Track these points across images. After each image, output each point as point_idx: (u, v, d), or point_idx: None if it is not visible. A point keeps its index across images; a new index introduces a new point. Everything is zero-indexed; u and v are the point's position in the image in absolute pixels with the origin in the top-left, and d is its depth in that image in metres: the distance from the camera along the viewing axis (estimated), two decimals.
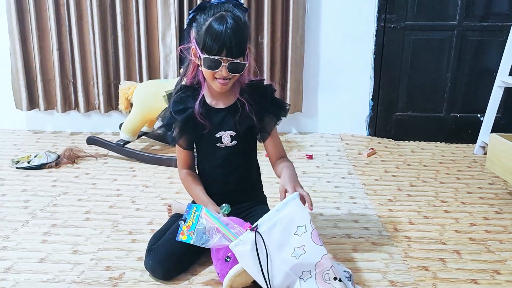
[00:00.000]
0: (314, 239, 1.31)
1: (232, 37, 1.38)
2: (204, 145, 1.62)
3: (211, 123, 1.55)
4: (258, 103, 1.56)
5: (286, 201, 1.35)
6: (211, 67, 1.43)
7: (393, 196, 2.24)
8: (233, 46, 1.39)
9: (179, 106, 1.54)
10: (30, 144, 2.99)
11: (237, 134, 1.57)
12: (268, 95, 1.60)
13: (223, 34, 1.37)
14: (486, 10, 2.98)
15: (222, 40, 1.38)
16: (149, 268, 1.51)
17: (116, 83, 3.09)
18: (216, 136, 1.57)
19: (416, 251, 1.72)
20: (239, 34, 1.40)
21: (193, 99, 1.55)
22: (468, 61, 3.05)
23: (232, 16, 1.41)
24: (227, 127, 1.57)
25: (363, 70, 3.14)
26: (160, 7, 2.95)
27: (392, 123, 3.19)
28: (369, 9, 3.03)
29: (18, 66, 3.06)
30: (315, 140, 3.14)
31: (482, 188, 2.37)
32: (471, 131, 3.07)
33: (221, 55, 1.40)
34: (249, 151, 1.66)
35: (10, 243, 1.74)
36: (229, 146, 1.59)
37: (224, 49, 1.39)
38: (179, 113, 1.54)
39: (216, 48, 1.39)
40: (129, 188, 2.30)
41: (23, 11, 3.01)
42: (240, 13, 1.45)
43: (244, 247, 1.31)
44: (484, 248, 1.76)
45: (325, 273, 1.29)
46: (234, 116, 1.55)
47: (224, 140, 1.57)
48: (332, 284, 1.29)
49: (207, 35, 1.39)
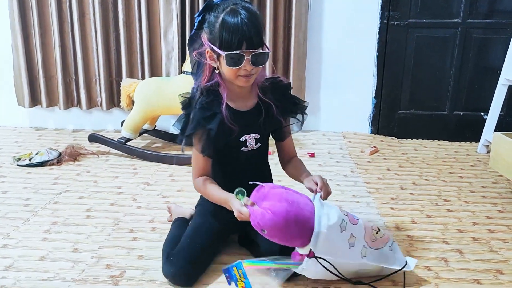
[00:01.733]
0: (352, 221, 1.41)
1: (250, 27, 1.33)
2: (228, 150, 1.52)
3: (237, 126, 1.46)
4: (282, 103, 1.51)
5: (316, 214, 1.35)
6: (235, 63, 1.35)
7: (395, 195, 2.23)
8: (252, 36, 1.34)
9: (206, 112, 1.43)
10: (32, 141, 2.99)
11: (261, 137, 1.52)
12: (289, 95, 1.56)
13: (240, 25, 1.32)
14: (490, 8, 2.95)
15: (240, 32, 1.32)
16: (171, 275, 1.45)
17: (118, 80, 3.08)
18: (241, 140, 1.50)
19: (419, 251, 1.71)
20: (256, 23, 1.36)
21: (217, 102, 1.45)
22: (472, 59, 3.03)
23: (243, 7, 1.37)
24: (252, 130, 1.50)
25: (366, 67, 3.12)
26: (162, 4, 2.94)
27: (395, 121, 3.18)
28: (372, 6, 3.01)
29: (20, 63, 3.05)
30: (317, 138, 3.12)
31: (486, 187, 2.35)
32: (475, 130, 3.05)
33: (242, 49, 1.34)
34: (265, 153, 1.62)
35: (11, 241, 1.74)
36: (253, 150, 1.53)
37: (244, 41, 1.33)
38: (209, 120, 1.43)
39: (236, 42, 1.33)
40: (131, 186, 2.30)
41: (25, 8, 3.00)
42: (248, 4, 1.42)
43: (311, 270, 1.36)
44: (487, 247, 1.75)
45: (368, 233, 1.43)
46: (257, 118, 1.48)
47: (249, 143, 1.51)
48: (376, 237, 1.45)
49: (223, 31, 1.34)
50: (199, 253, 1.49)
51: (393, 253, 1.49)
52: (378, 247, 1.45)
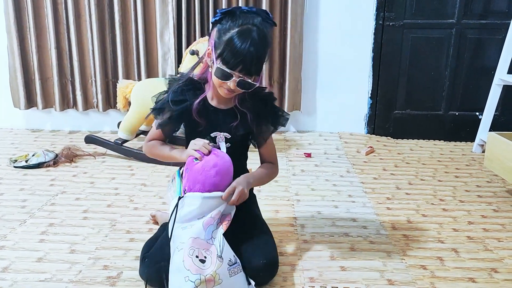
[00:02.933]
0: (204, 225, 1.38)
1: (253, 56, 1.34)
2: None
3: (208, 121, 1.52)
4: (258, 111, 1.53)
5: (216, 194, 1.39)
6: (222, 77, 1.39)
7: (391, 195, 2.24)
8: (250, 66, 1.36)
9: (178, 97, 1.50)
10: (28, 143, 2.99)
11: (231, 138, 1.55)
12: (268, 104, 1.57)
13: (245, 51, 1.33)
14: (485, 8, 2.97)
15: (242, 56, 1.33)
16: (145, 276, 1.45)
17: (115, 81, 3.09)
18: (211, 135, 1.55)
19: (414, 250, 1.72)
20: (261, 53, 1.36)
21: (194, 94, 1.51)
22: (467, 59, 3.05)
23: (258, 33, 1.36)
24: (223, 129, 1.54)
25: (362, 68, 3.14)
26: (158, 5, 2.94)
27: (390, 121, 3.19)
28: (368, 7, 3.03)
29: (16, 64, 3.05)
30: (313, 138, 3.13)
31: (480, 186, 2.37)
32: (470, 129, 3.07)
33: (235, 70, 1.36)
34: (240, 155, 1.63)
35: (7, 242, 1.74)
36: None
37: (241, 66, 1.35)
38: (176, 104, 1.50)
39: (234, 62, 1.35)
40: (127, 187, 2.30)
41: (21, 10, 3.00)
42: (268, 28, 1.41)
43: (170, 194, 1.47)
44: (482, 246, 1.76)
45: (191, 249, 1.35)
46: (231, 120, 1.52)
47: (218, 141, 1.54)
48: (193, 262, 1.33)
49: (227, 46, 1.35)
50: None
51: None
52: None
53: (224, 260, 1.36)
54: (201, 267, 1.33)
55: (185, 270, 1.32)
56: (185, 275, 1.31)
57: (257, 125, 1.55)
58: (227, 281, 1.35)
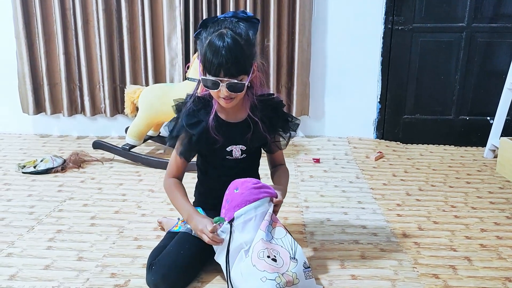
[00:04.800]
0: (262, 228, 1.39)
1: (229, 57, 1.35)
2: (213, 157, 1.58)
3: (224, 136, 1.51)
4: (271, 120, 1.54)
5: (262, 202, 1.42)
6: (210, 88, 1.41)
7: (401, 201, 2.21)
8: (230, 66, 1.36)
9: (192, 119, 1.49)
10: (37, 148, 2.99)
11: (247, 149, 1.56)
12: (279, 112, 1.58)
13: (219, 54, 1.34)
14: (495, 11, 2.94)
15: (218, 60, 1.35)
16: (152, 284, 1.45)
17: (122, 86, 3.09)
18: (227, 150, 1.54)
19: (426, 258, 1.69)
20: (238, 52, 1.36)
21: (205, 112, 1.51)
22: (477, 63, 3.01)
23: (231, 34, 1.37)
24: (238, 141, 1.54)
25: (370, 72, 3.11)
26: (165, 11, 2.94)
27: (400, 126, 3.16)
28: (377, 11, 3.00)
29: (24, 70, 3.06)
30: (322, 143, 3.11)
31: (493, 192, 2.33)
32: (481, 134, 3.03)
33: (219, 76, 1.37)
34: (254, 162, 1.65)
35: (15, 249, 1.73)
36: (238, 159, 1.57)
37: (222, 69, 1.36)
38: (193, 127, 1.49)
39: (214, 69, 1.37)
40: (135, 193, 2.29)
41: (30, 16, 3.01)
42: (246, 27, 1.42)
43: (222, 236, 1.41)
44: (496, 254, 1.72)
45: (261, 251, 1.35)
46: (246, 131, 1.52)
47: (234, 154, 1.55)
48: (267, 262, 1.33)
49: (205, 57, 1.38)
50: (183, 260, 1.47)
51: None
52: None
53: (298, 261, 1.37)
54: (276, 265, 1.33)
55: (260, 272, 1.31)
56: (262, 276, 1.30)
57: (271, 134, 1.56)
58: (303, 283, 1.36)
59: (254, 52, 1.45)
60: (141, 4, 2.95)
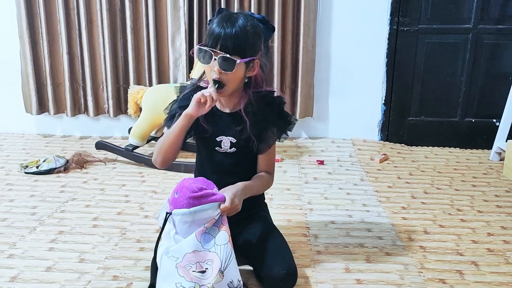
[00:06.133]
0: (198, 236, 1.30)
1: (232, 32, 1.34)
2: (203, 146, 1.58)
3: (214, 125, 1.51)
4: (263, 114, 1.50)
5: (205, 207, 1.31)
6: (203, 59, 1.39)
7: (406, 204, 2.18)
8: (229, 40, 1.35)
9: (186, 102, 1.48)
10: (39, 149, 2.98)
11: (237, 142, 1.52)
12: (275, 107, 1.54)
13: (222, 26, 1.35)
14: (501, 13, 2.91)
15: (219, 32, 1.35)
16: None
17: (126, 87, 3.07)
18: (217, 139, 1.53)
19: (432, 262, 1.66)
20: (240, 31, 1.36)
21: None
22: (484, 65, 2.98)
23: (241, 18, 1.37)
24: (229, 133, 1.52)
25: (375, 74, 3.09)
26: (169, 11, 2.93)
27: (405, 128, 3.13)
28: (382, 12, 2.98)
29: (28, 70, 3.05)
30: (326, 145, 3.09)
31: (499, 196, 2.30)
32: (487, 137, 3.00)
33: (216, 48, 1.36)
34: (248, 160, 1.58)
35: (17, 250, 1.72)
36: (227, 153, 1.54)
37: (219, 42, 1.35)
38: (184, 109, 1.47)
39: (212, 39, 1.36)
40: (138, 194, 2.27)
41: (33, 15, 3.01)
42: (260, 23, 1.42)
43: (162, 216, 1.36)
44: (503, 259, 1.70)
45: (188, 265, 1.27)
46: (237, 124, 1.50)
47: (224, 145, 1.53)
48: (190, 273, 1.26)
49: (209, 28, 1.38)
50: None
51: None
52: None
53: (225, 277, 1.28)
54: (200, 277, 1.26)
55: (179, 276, 1.25)
56: (178, 281, 1.24)
57: (261, 130, 1.51)
58: None
59: (258, 46, 1.43)
60: (145, 4, 2.94)
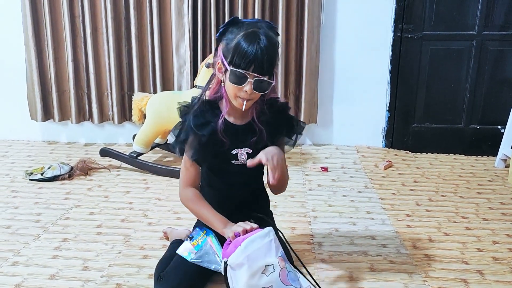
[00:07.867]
0: (282, 279, 1.33)
1: (264, 53, 1.32)
2: (218, 161, 1.53)
3: (230, 139, 1.48)
4: (273, 123, 1.50)
5: (253, 238, 1.34)
6: (237, 81, 1.35)
7: (411, 211, 2.17)
8: (264, 62, 1.33)
9: (200, 120, 1.45)
10: (44, 155, 2.99)
11: (253, 153, 1.51)
12: (284, 115, 1.55)
13: (255, 49, 1.31)
14: (506, 20, 2.90)
15: (253, 54, 1.31)
16: None
17: (130, 94, 3.08)
18: (232, 153, 1.50)
19: (437, 271, 1.65)
20: (271, 51, 1.35)
21: (213, 114, 1.47)
22: (488, 71, 2.98)
23: (264, 33, 1.35)
24: (244, 144, 1.50)
25: (379, 80, 3.08)
26: (174, 18, 2.94)
27: (409, 135, 3.12)
28: (386, 18, 2.98)
29: (33, 77, 3.07)
30: (330, 152, 3.08)
31: (505, 203, 2.28)
32: (492, 143, 2.98)
33: (249, 70, 1.33)
34: (260, 168, 1.58)
35: (21, 258, 1.72)
36: (243, 164, 1.52)
37: (253, 64, 1.33)
38: (201, 128, 1.45)
39: (245, 63, 1.32)
40: (142, 201, 2.28)
41: (39, 23, 3.03)
42: (273, 33, 1.41)
43: None
44: (509, 268, 1.69)
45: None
46: (251, 134, 1.49)
47: (240, 157, 1.51)
48: None
49: (237, 49, 1.33)
50: (192, 273, 1.45)
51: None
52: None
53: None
54: None
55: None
56: None
57: (275, 137, 1.52)
58: None
59: (278, 58, 1.43)
60: (149, 12, 2.96)
